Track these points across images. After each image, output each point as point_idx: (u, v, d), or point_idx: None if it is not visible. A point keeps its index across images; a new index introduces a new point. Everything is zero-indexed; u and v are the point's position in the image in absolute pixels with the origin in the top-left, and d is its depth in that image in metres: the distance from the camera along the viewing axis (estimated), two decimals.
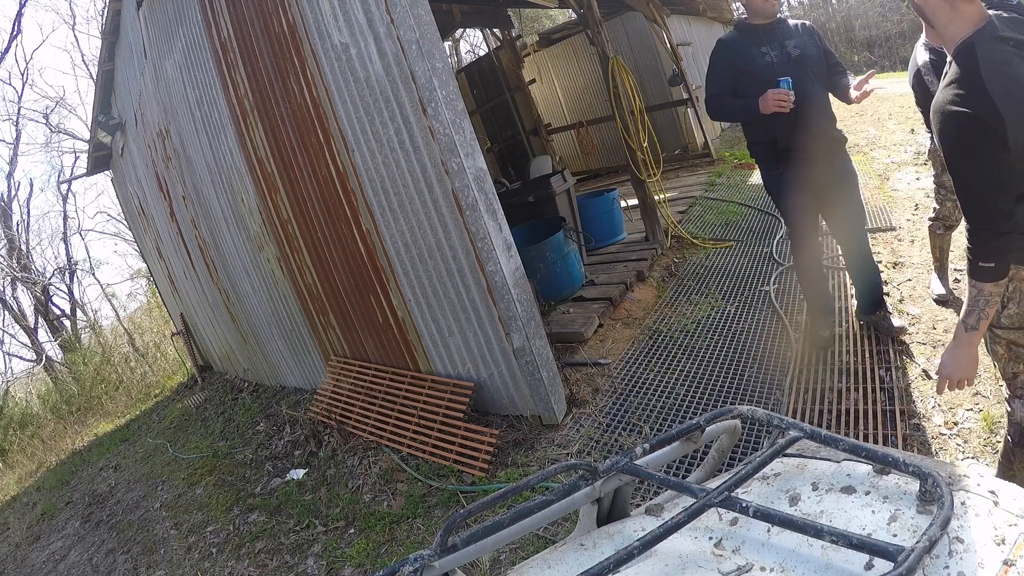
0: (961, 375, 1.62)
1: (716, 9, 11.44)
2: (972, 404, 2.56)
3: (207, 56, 4.40)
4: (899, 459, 0.85)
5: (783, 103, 2.63)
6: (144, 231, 7.52)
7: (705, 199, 6.72)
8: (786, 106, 2.63)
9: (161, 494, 4.68)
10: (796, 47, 2.78)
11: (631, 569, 0.91)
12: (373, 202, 3.52)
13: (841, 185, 2.96)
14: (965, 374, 1.61)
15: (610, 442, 3.01)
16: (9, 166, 18.56)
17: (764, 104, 2.68)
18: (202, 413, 6.29)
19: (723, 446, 1.22)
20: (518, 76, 9.58)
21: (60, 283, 14.99)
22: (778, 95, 2.63)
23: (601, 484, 1.08)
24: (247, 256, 5.14)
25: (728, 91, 2.91)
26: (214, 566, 3.35)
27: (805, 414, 2.79)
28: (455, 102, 2.96)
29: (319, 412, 4.39)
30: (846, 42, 20.33)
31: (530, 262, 4.17)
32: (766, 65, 2.76)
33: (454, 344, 3.54)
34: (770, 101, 2.65)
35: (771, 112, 2.67)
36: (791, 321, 3.64)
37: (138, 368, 10.43)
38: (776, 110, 2.65)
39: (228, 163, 4.70)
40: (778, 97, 2.63)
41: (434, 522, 2.90)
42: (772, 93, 2.65)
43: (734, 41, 2.90)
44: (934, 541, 0.70)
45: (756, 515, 0.83)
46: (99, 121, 6.63)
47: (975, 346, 1.59)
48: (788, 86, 2.65)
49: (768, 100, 2.66)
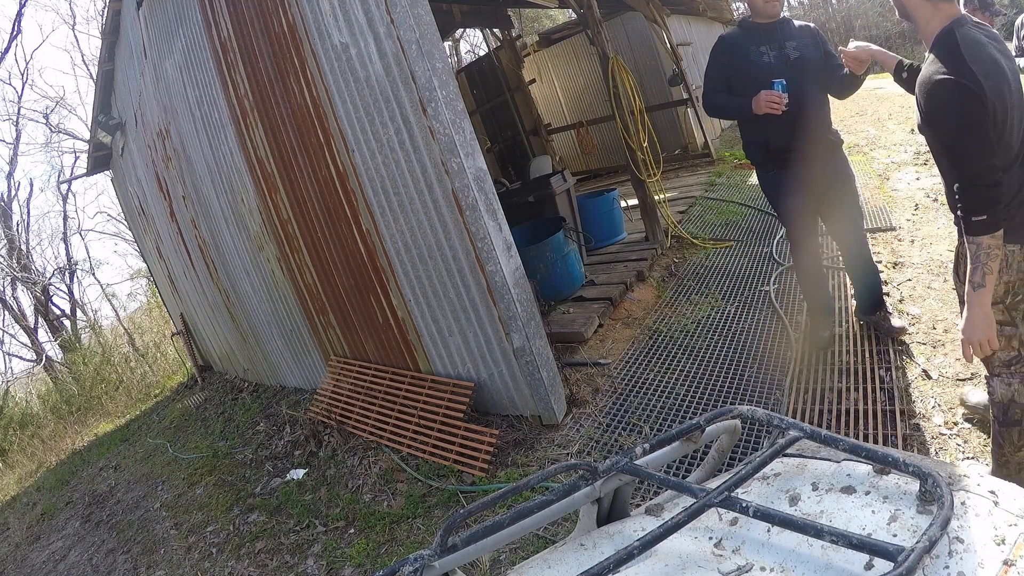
0: (982, 336, 1.67)
1: (716, 9, 11.44)
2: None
3: (207, 56, 4.40)
4: (899, 459, 0.85)
5: (775, 105, 2.62)
6: (144, 231, 7.52)
7: (705, 199, 6.72)
8: (778, 108, 2.63)
9: (161, 494, 4.68)
10: (796, 49, 2.77)
11: (631, 569, 0.91)
12: (373, 202, 3.52)
13: (838, 187, 2.96)
14: (985, 334, 1.67)
15: (610, 442, 3.01)
16: (9, 166, 18.58)
17: (756, 105, 2.68)
18: (202, 413, 6.29)
19: (723, 446, 1.22)
20: (518, 76, 9.58)
21: (60, 283, 15.01)
22: (770, 96, 2.63)
23: (601, 484, 1.08)
24: (247, 256, 5.14)
25: (724, 88, 2.90)
26: (214, 566, 3.35)
27: (805, 414, 2.79)
28: (455, 102, 2.96)
29: (319, 412, 4.39)
30: (846, 42, 20.28)
31: (530, 262, 4.17)
32: (763, 65, 2.76)
33: (454, 344, 3.54)
34: (762, 102, 2.65)
35: (763, 113, 2.67)
36: (791, 321, 3.64)
37: (138, 368, 10.43)
38: (768, 111, 2.64)
39: (228, 163, 4.70)
40: (770, 99, 2.63)
41: (434, 522, 2.90)
42: (764, 94, 2.64)
43: (735, 39, 2.90)
44: (934, 541, 0.70)
45: (756, 515, 0.83)
46: (99, 121, 6.63)
47: (987, 304, 1.65)
48: (782, 88, 2.64)
49: (760, 101, 2.65)
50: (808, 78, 2.77)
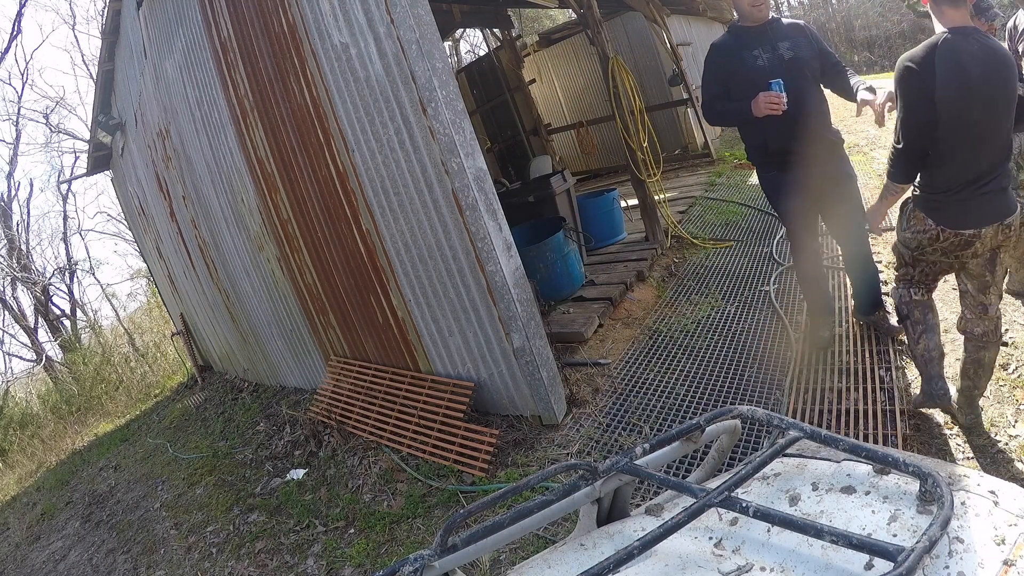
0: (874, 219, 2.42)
1: (716, 9, 11.43)
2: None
3: (207, 56, 4.40)
4: (899, 459, 0.85)
5: (774, 105, 2.62)
6: (144, 231, 7.52)
7: (705, 199, 6.72)
8: (777, 108, 2.62)
9: (161, 494, 4.68)
10: (789, 49, 2.76)
11: (631, 569, 0.91)
12: (373, 202, 3.52)
13: (839, 187, 2.95)
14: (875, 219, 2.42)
15: (610, 442, 3.01)
16: (9, 166, 18.57)
17: (756, 107, 2.67)
18: (202, 413, 6.29)
19: (723, 446, 1.22)
20: (518, 76, 9.58)
21: (60, 283, 15.00)
22: (769, 97, 2.62)
23: (601, 484, 1.08)
24: (247, 256, 5.14)
25: (722, 95, 2.90)
26: (214, 566, 3.35)
27: (805, 414, 2.79)
28: (455, 102, 2.96)
29: (319, 412, 4.39)
30: (846, 42, 20.33)
31: (530, 262, 4.17)
32: (758, 68, 2.75)
33: (454, 344, 3.54)
34: (761, 104, 2.64)
35: (763, 115, 2.66)
36: (791, 321, 3.64)
37: (138, 368, 10.43)
38: (768, 112, 2.64)
39: (228, 163, 4.70)
40: (769, 100, 2.62)
41: (434, 522, 2.90)
42: (763, 96, 2.63)
43: (725, 45, 2.90)
44: (934, 541, 0.70)
45: (756, 515, 0.83)
46: (99, 121, 6.63)
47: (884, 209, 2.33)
48: (780, 88, 2.63)
49: (759, 103, 2.64)
50: (805, 77, 2.76)
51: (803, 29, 2.88)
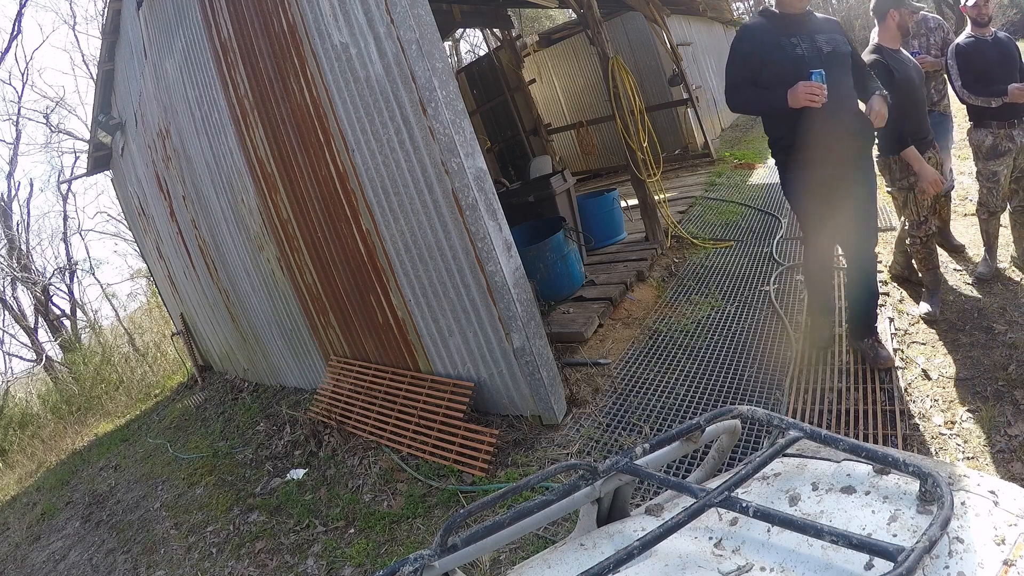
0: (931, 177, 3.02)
1: (716, 9, 11.44)
2: (972, 404, 2.56)
3: (207, 56, 4.40)
4: (899, 459, 0.85)
5: (815, 97, 2.43)
6: (144, 231, 7.52)
7: (705, 199, 6.72)
8: (818, 100, 2.43)
9: (161, 494, 4.68)
10: (828, 43, 2.62)
11: (631, 569, 0.91)
12: (373, 202, 3.52)
13: (860, 194, 2.79)
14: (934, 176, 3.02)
15: (610, 442, 3.01)
16: (9, 166, 18.57)
17: (794, 97, 2.48)
18: (202, 413, 6.28)
19: (723, 446, 1.22)
20: (518, 76, 9.58)
21: (60, 283, 14.98)
22: (810, 88, 2.42)
23: (601, 484, 1.08)
24: (247, 256, 5.14)
25: (750, 81, 2.69)
26: (214, 566, 3.35)
27: (805, 414, 2.79)
28: (455, 102, 2.96)
29: (319, 412, 4.39)
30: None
31: (530, 262, 4.17)
32: (796, 57, 2.56)
33: (454, 344, 3.54)
34: (800, 94, 2.45)
35: (801, 106, 2.47)
36: (791, 321, 3.64)
37: (138, 368, 10.42)
38: (807, 104, 2.44)
39: (228, 163, 4.70)
40: (810, 90, 2.42)
41: (434, 522, 2.90)
42: (803, 85, 2.44)
43: (760, 28, 2.69)
44: (934, 541, 0.70)
45: (756, 515, 0.83)
46: (99, 121, 6.62)
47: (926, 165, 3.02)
48: (822, 79, 2.43)
49: (799, 93, 2.45)
50: (845, 72, 2.62)
51: (837, 25, 2.76)
